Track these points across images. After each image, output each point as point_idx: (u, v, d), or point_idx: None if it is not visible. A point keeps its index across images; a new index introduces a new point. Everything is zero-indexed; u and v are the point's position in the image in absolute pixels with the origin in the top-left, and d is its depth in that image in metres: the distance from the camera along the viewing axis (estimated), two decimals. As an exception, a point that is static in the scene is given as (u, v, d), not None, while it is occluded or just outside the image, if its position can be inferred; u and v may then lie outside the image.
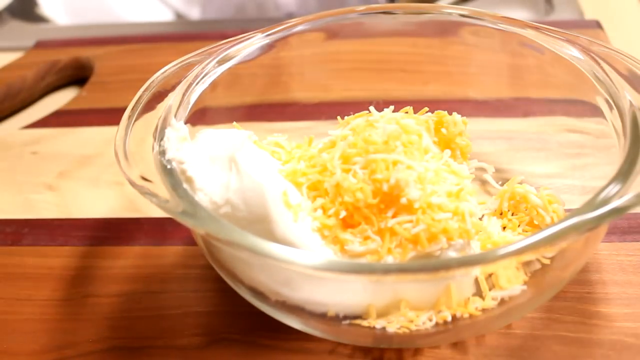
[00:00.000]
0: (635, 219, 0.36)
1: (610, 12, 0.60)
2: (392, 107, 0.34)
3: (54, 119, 0.51)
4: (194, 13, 0.85)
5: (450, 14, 0.39)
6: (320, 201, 0.30)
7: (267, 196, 0.28)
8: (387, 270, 0.25)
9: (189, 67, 0.35)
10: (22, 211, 0.42)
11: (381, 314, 0.29)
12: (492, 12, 0.38)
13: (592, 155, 0.35)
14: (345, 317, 0.29)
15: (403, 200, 0.28)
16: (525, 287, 0.29)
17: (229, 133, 0.33)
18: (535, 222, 0.34)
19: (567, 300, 0.32)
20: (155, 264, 0.37)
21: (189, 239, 0.38)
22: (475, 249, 0.31)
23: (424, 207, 0.28)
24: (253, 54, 0.38)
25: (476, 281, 0.29)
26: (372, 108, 0.33)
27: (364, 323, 0.29)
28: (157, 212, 0.40)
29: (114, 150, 0.30)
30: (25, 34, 0.67)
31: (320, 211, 0.30)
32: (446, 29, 0.40)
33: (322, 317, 0.29)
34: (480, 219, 0.35)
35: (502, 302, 0.29)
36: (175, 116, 0.32)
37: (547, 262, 0.29)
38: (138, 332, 0.33)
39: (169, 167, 0.29)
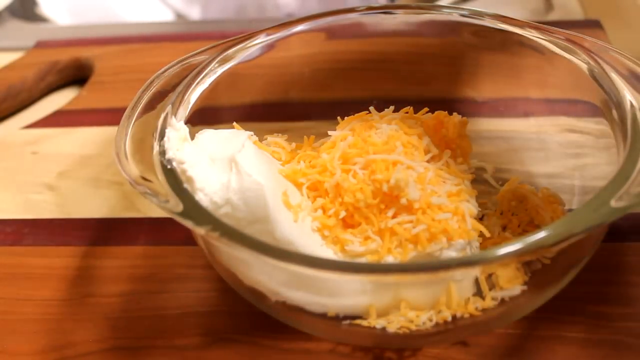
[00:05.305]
0: (635, 219, 0.36)
1: (610, 12, 0.59)
2: (392, 107, 0.34)
3: (54, 119, 0.51)
4: (194, 13, 0.85)
5: (450, 14, 0.39)
6: (320, 201, 0.30)
7: (267, 196, 0.28)
8: (387, 270, 0.25)
9: (189, 67, 0.35)
10: (22, 211, 0.42)
11: (381, 314, 0.29)
12: (492, 12, 0.38)
13: (592, 155, 0.35)
14: (345, 317, 0.29)
15: (403, 201, 0.28)
16: (525, 287, 0.29)
17: (229, 133, 0.33)
18: (535, 222, 0.34)
19: (567, 300, 0.32)
20: (155, 264, 0.37)
21: (189, 239, 0.38)
22: (475, 249, 0.31)
23: (424, 207, 0.28)
24: (253, 54, 0.38)
25: (476, 281, 0.29)
26: (372, 108, 0.33)
27: (364, 323, 0.28)
28: (157, 212, 0.40)
29: (114, 150, 0.30)
30: (25, 34, 0.66)
31: (320, 211, 0.30)
32: (446, 29, 0.40)
33: (322, 317, 0.29)
34: (480, 219, 0.35)
35: (502, 302, 0.29)
36: (175, 116, 0.32)
37: (547, 262, 0.29)
38: (138, 332, 0.33)
39: (169, 167, 0.29)
